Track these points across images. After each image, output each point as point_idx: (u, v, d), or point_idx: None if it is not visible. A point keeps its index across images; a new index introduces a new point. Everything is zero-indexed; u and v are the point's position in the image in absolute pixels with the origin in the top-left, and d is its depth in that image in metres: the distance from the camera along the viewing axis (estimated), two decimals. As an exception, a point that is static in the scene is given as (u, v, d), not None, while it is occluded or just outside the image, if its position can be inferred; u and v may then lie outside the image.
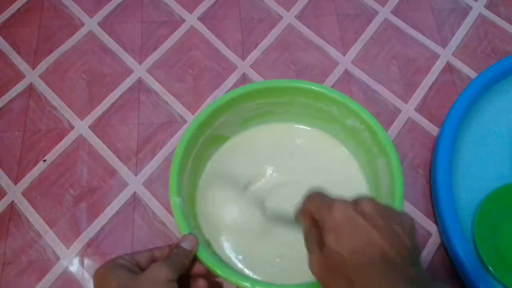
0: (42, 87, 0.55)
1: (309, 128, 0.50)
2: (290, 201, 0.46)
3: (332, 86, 0.56)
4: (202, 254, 0.38)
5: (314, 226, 0.32)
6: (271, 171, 0.48)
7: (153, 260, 0.36)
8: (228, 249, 0.44)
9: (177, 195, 0.40)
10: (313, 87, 0.46)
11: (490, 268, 0.45)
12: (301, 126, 0.50)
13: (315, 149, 0.49)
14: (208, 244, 0.43)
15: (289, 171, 0.48)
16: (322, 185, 0.46)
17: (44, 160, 0.51)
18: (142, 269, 0.35)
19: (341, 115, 0.46)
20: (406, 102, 0.56)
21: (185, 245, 0.37)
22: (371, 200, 0.31)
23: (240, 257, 0.43)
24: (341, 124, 0.47)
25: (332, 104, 0.45)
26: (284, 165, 0.48)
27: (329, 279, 0.30)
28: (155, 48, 0.58)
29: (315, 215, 0.32)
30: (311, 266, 0.31)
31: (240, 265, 0.43)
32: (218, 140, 0.48)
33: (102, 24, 0.60)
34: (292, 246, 0.43)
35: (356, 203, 0.31)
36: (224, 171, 0.48)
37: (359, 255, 0.28)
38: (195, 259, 0.38)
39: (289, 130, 0.50)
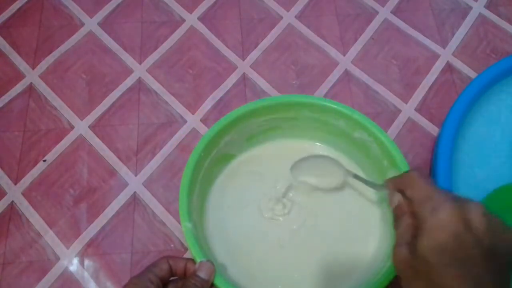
0: (42, 87, 0.55)
1: (316, 143, 0.49)
2: (300, 216, 0.46)
3: (332, 86, 0.56)
4: (219, 281, 0.37)
5: (409, 216, 0.32)
6: (278, 188, 0.47)
7: (172, 274, 0.36)
8: (240, 271, 0.42)
9: (188, 220, 0.39)
10: (318, 101, 0.45)
11: (490, 268, 0.45)
12: (307, 141, 0.49)
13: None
14: (223, 268, 0.42)
15: (297, 188, 0.47)
16: (330, 200, 0.46)
17: (44, 160, 0.51)
18: (164, 285, 0.35)
19: (348, 127, 0.45)
20: (406, 102, 0.56)
21: (202, 274, 0.36)
22: (483, 213, 0.28)
23: (252, 279, 0.42)
24: (349, 137, 0.46)
25: (339, 117, 0.45)
26: (291, 182, 0.47)
27: (409, 277, 0.29)
28: (155, 48, 0.58)
29: (416, 207, 0.30)
30: (394, 257, 0.31)
31: None
32: (224, 158, 0.47)
33: (102, 24, 0.60)
34: (305, 265, 0.43)
35: (465, 210, 0.28)
36: (231, 190, 0.47)
37: (454, 278, 0.26)
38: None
39: (295, 146, 0.49)
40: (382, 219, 0.45)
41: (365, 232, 0.45)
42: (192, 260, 0.38)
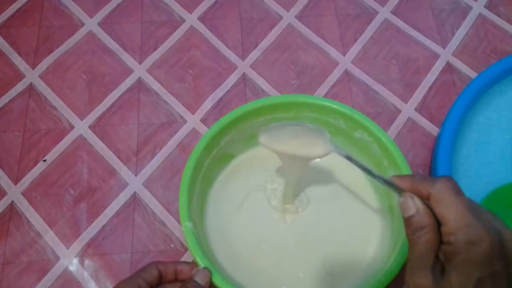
0: (42, 87, 0.55)
1: None
2: (302, 215, 0.46)
3: (332, 86, 0.56)
4: (220, 280, 0.36)
5: (432, 230, 0.27)
6: (278, 188, 0.47)
7: (161, 279, 0.36)
8: (241, 271, 0.42)
9: (188, 220, 0.39)
10: (318, 101, 0.45)
11: (490, 268, 0.45)
12: None
13: (323, 165, 0.48)
14: (224, 267, 0.42)
15: (297, 188, 0.47)
16: (332, 200, 0.46)
17: (44, 160, 0.51)
18: None
19: (348, 128, 0.45)
20: (406, 102, 0.56)
21: (199, 279, 0.36)
22: None
23: (253, 279, 0.42)
24: (349, 137, 0.46)
25: (339, 117, 0.45)
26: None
27: None
28: (155, 48, 0.58)
29: (448, 231, 0.26)
30: (412, 281, 0.27)
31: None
32: (224, 158, 0.47)
33: (102, 24, 0.60)
34: (307, 267, 0.43)
35: (504, 244, 0.25)
36: (231, 190, 0.47)
37: None
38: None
39: None
40: (383, 220, 0.45)
41: (366, 232, 0.45)
42: (184, 262, 0.38)
